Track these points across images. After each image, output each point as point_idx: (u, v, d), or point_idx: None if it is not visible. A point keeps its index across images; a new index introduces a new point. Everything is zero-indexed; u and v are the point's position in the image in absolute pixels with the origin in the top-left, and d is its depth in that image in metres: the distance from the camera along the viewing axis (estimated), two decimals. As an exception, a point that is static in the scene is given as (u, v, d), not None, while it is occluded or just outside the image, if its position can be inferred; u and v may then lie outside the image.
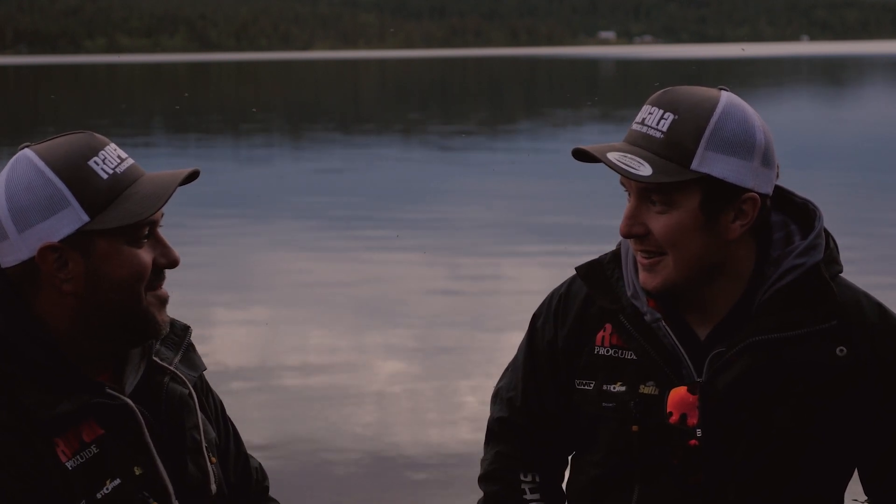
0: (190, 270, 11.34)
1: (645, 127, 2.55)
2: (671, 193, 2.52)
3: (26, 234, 2.32)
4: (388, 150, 27.70)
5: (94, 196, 2.32)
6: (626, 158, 2.51)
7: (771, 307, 2.58)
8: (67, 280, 2.32)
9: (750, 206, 2.55)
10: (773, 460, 2.58)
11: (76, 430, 2.31)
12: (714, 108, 2.53)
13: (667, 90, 2.57)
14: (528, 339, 2.82)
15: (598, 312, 2.70)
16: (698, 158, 2.50)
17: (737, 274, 2.61)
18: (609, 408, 2.65)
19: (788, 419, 2.57)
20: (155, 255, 2.39)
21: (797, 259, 2.59)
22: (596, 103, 43.62)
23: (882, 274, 11.35)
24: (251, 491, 2.70)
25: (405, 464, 6.88)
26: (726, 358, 2.57)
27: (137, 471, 2.36)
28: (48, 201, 2.31)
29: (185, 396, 2.47)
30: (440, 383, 8.54)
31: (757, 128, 2.55)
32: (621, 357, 2.66)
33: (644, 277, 2.60)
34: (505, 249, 13.66)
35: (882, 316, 2.65)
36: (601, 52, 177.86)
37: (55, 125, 33.04)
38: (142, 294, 2.36)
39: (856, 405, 2.60)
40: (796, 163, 20.69)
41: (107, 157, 2.36)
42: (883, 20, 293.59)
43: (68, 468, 2.29)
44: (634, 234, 2.57)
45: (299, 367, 9.00)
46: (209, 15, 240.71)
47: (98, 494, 2.30)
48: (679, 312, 2.63)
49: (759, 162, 2.54)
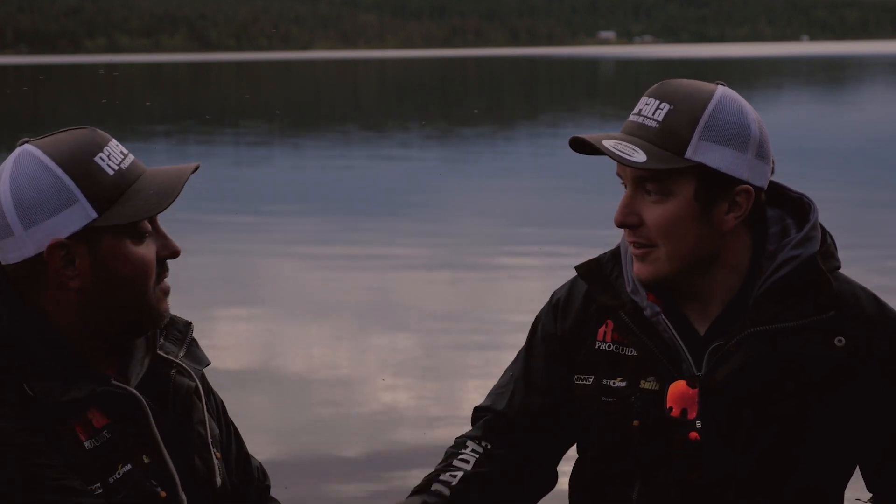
0: (190, 270, 11.33)
1: (641, 117, 2.58)
2: (666, 182, 2.55)
3: (33, 230, 2.30)
4: (388, 150, 27.68)
5: (102, 192, 2.31)
6: (621, 146, 2.55)
7: (768, 299, 2.60)
8: (74, 276, 2.32)
9: (744, 198, 2.58)
10: (774, 453, 2.59)
11: (86, 416, 2.32)
12: (710, 99, 2.57)
13: (663, 82, 2.61)
14: (530, 337, 2.84)
15: (598, 310, 2.72)
16: (693, 147, 2.54)
17: (733, 267, 2.63)
18: (609, 402, 2.67)
19: (787, 410, 2.59)
20: (157, 246, 2.39)
21: (793, 251, 2.61)
22: (595, 104, 43.60)
23: (883, 273, 11.35)
24: (252, 490, 2.70)
25: (406, 464, 6.88)
26: (725, 350, 2.59)
27: (146, 459, 2.36)
28: (56, 197, 2.29)
29: (192, 390, 2.48)
30: (441, 383, 8.54)
31: (752, 120, 2.58)
32: (621, 353, 2.67)
33: (637, 268, 2.62)
34: (505, 249, 13.66)
35: (879, 308, 2.68)
36: (601, 52, 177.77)
37: (55, 125, 33.00)
38: (149, 289, 2.37)
39: (854, 397, 2.62)
40: (797, 162, 20.69)
41: (111, 153, 2.36)
42: (883, 20, 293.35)
43: (86, 447, 2.29)
44: (628, 223, 2.59)
45: (300, 367, 9.00)
46: (209, 15, 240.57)
47: (110, 479, 2.30)
48: (678, 308, 2.65)
49: (753, 154, 2.57)
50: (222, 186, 19.59)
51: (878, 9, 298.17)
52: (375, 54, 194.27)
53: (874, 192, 18.34)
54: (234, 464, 2.65)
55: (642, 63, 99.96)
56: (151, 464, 2.36)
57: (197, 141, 31.27)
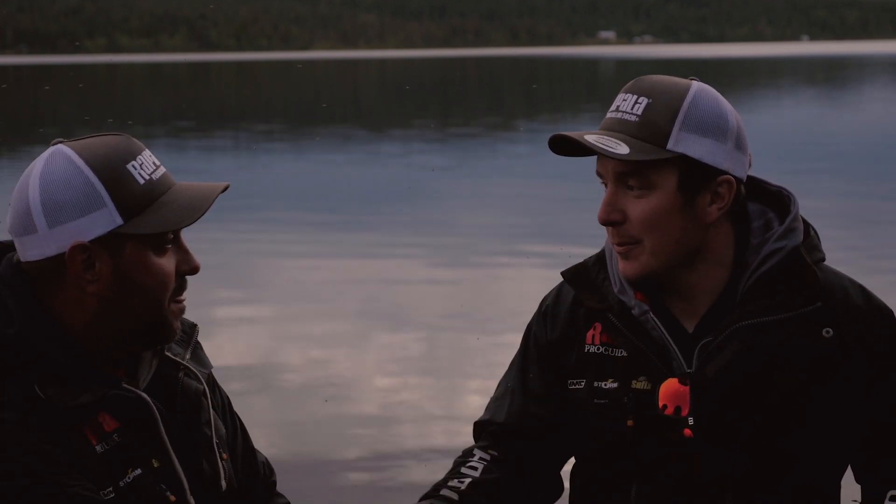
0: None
1: (620, 113, 2.60)
2: (648, 176, 2.56)
3: (57, 230, 2.28)
4: (388, 150, 27.69)
5: (130, 199, 2.30)
6: (602, 139, 2.55)
7: (755, 293, 2.61)
8: (93, 281, 2.31)
9: (726, 188, 2.59)
10: (768, 446, 2.59)
11: (96, 420, 2.31)
12: (686, 91, 2.59)
13: (639, 79, 2.63)
14: (523, 347, 2.84)
15: (586, 313, 2.72)
16: (674, 139, 2.55)
17: (718, 261, 2.64)
18: (602, 404, 2.66)
19: (779, 402, 2.59)
20: (177, 260, 2.39)
21: (776, 243, 2.63)
22: (595, 104, 43.61)
23: (883, 272, 11.35)
24: (259, 486, 2.70)
25: (407, 463, 6.88)
26: (714, 346, 2.59)
27: (155, 463, 2.36)
28: (84, 200, 2.28)
29: (200, 392, 2.48)
30: (442, 383, 8.54)
31: (729, 112, 2.61)
32: (611, 354, 2.67)
33: (623, 266, 2.63)
34: (505, 249, 13.67)
35: (866, 298, 2.68)
36: (601, 52, 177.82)
37: (55, 125, 33.03)
38: (165, 302, 2.36)
39: (844, 387, 2.63)
40: (796, 163, 20.70)
41: (144, 163, 2.35)
42: (883, 20, 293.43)
43: (97, 451, 2.29)
44: (612, 220, 2.60)
45: (300, 367, 9.01)
46: (209, 15, 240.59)
47: (121, 482, 2.30)
48: (666, 306, 2.65)
49: (732, 144, 2.59)
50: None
51: (878, 9, 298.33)
52: (375, 54, 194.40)
53: (874, 191, 18.34)
54: (241, 459, 2.65)
55: (642, 63, 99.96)
56: (161, 468, 2.36)
57: (197, 141, 31.29)
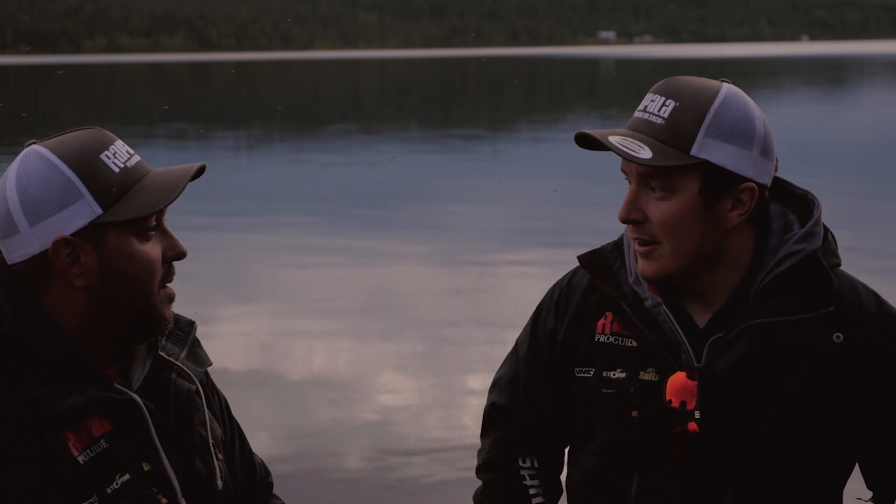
0: (190, 269, 11.34)
1: (647, 114, 2.58)
2: (671, 179, 2.54)
3: (38, 227, 2.30)
4: (388, 150, 27.70)
5: (107, 189, 2.32)
6: (626, 142, 2.54)
7: (769, 293, 2.60)
8: (80, 274, 2.31)
9: (748, 195, 2.57)
10: (773, 444, 2.59)
11: (85, 424, 2.31)
12: (715, 96, 2.56)
13: (669, 79, 2.61)
14: (531, 330, 2.83)
15: (598, 301, 2.72)
16: (698, 144, 2.53)
17: (736, 263, 2.63)
18: (609, 394, 2.66)
19: (786, 401, 2.58)
20: (163, 247, 2.39)
21: (795, 246, 2.61)
22: (596, 104, 43.63)
23: (883, 272, 11.35)
24: (255, 488, 2.70)
25: (408, 462, 6.88)
26: (725, 342, 2.59)
27: (146, 466, 2.35)
28: (61, 194, 2.30)
29: (192, 393, 2.47)
30: (442, 381, 8.54)
31: (757, 118, 2.58)
32: (621, 344, 2.67)
33: (642, 265, 2.62)
34: (505, 249, 13.67)
35: (879, 305, 2.68)
36: (601, 52, 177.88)
37: (55, 125, 33.04)
38: (154, 289, 2.37)
39: (853, 393, 2.62)
40: (797, 162, 20.69)
41: (117, 152, 2.37)
42: (883, 20, 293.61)
43: (80, 462, 2.28)
44: (632, 219, 2.59)
45: (301, 367, 9.01)
46: (209, 15, 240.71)
47: (108, 489, 2.29)
48: (679, 301, 2.65)
49: (758, 152, 2.57)
50: (222, 186, 19.60)
51: (878, 9, 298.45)
52: (375, 54, 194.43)
53: (874, 190, 18.35)
54: (238, 461, 2.65)
55: (642, 63, 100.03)
56: (151, 471, 2.36)
57: (197, 141, 31.29)
